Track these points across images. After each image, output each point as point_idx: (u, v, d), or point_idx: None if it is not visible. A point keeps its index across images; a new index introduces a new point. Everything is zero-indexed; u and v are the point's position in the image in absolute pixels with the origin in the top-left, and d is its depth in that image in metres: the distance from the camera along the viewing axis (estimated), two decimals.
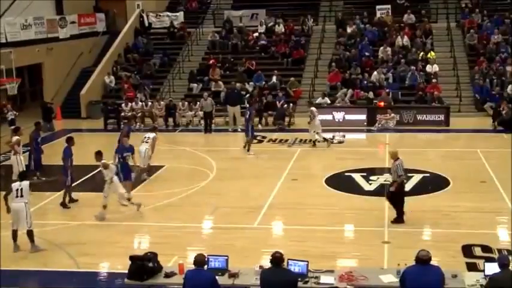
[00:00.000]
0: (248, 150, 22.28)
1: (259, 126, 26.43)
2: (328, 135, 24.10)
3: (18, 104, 29.99)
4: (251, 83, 29.34)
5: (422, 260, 8.76)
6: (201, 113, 26.58)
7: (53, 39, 30.40)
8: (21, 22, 28.00)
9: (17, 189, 13.96)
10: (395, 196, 14.84)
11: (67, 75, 31.36)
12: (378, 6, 33.43)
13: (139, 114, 27.37)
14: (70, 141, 17.55)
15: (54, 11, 33.67)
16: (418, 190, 17.55)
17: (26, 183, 14.10)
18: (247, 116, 22.43)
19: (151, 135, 19.56)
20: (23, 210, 13.83)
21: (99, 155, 15.95)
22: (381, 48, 30.55)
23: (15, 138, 18.47)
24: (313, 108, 23.32)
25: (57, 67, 30.57)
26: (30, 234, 13.92)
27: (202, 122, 26.42)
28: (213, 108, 26.37)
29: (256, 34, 33.13)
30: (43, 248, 14.09)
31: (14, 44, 26.28)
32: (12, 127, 23.32)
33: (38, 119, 26.31)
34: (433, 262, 9.08)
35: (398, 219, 14.80)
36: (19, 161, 18.24)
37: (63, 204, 17.05)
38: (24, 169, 17.64)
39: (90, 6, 36.08)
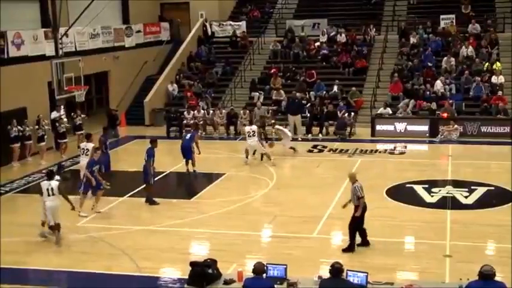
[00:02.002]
0: (261, 159, 22.57)
1: (320, 136, 26.44)
2: (390, 146, 23.95)
3: (85, 110, 30.81)
4: (312, 93, 29.37)
5: (486, 275, 8.61)
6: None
7: (119, 47, 31.13)
8: (89, 31, 28.80)
9: (47, 189, 14.70)
10: (357, 222, 13.96)
11: (132, 83, 32.04)
12: (442, 16, 33.00)
13: (201, 122, 27.74)
14: (154, 142, 18.28)
15: (121, 20, 34.52)
16: (481, 204, 17.25)
17: (55, 183, 14.85)
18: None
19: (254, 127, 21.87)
20: (58, 207, 14.71)
21: None
22: (445, 58, 30.11)
23: (90, 145, 18.93)
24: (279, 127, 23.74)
25: (123, 75, 31.27)
26: (57, 227, 14.81)
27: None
28: (267, 118, 26.45)
29: (317, 43, 33.15)
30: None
31: (82, 52, 27.00)
32: (80, 132, 24.08)
33: (103, 125, 27.07)
34: (497, 278, 8.92)
35: (350, 248, 13.91)
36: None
37: (151, 201, 17.69)
38: None
39: (155, 15, 36.78)
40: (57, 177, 15.88)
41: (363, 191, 13.94)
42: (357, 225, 13.96)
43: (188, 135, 21.39)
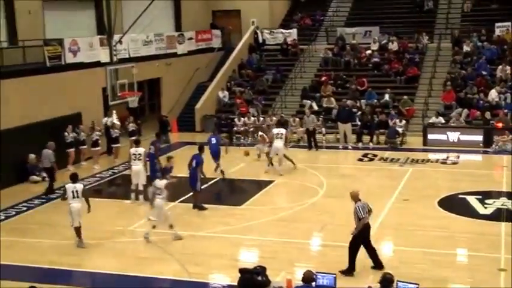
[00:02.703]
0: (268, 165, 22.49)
1: (370, 145, 26.26)
2: (442, 156, 23.64)
3: (138, 116, 31.27)
4: (363, 101, 29.22)
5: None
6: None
7: (171, 54, 31.51)
8: (143, 38, 29.27)
9: (72, 191, 15.24)
10: (356, 242, 13.34)
11: (183, 89, 32.40)
12: (497, 24, 32.42)
13: (252, 129, 27.86)
14: (201, 149, 18.82)
15: (173, 27, 35.00)
16: None
17: (80, 186, 15.41)
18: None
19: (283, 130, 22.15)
20: (81, 209, 15.20)
21: None
22: (500, 67, 29.55)
23: (141, 149, 19.29)
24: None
25: (175, 81, 31.65)
26: (79, 231, 15.32)
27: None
28: (316, 125, 26.40)
29: (369, 51, 32.97)
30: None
31: (136, 59, 27.43)
32: (133, 138, 24.41)
33: (155, 131, 27.46)
34: None
35: (349, 271, 13.16)
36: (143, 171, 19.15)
37: (199, 207, 18.00)
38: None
39: (207, 23, 37.13)
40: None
41: (363, 211, 13.33)
42: (355, 246, 13.28)
43: (214, 139, 21.71)
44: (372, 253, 13.42)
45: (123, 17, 28.83)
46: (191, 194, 18.75)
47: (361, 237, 13.32)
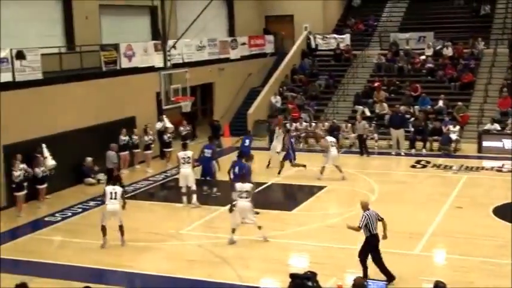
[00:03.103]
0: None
1: (424, 151, 25.94)
2: (497, 163, 23.19)
3: (191, 121, 31.62)
4: (416, 107, 28.89)
5: None
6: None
7: (224, 59, 31.75)
8: (196, 44, 29.57)
9: (111, 192, 15.64)
10: (366, 252, 13.16)
11: (236, 94, 32.61)
12: None
13: (303, 135, 27.85)
14: (249, 158, 19.07)
15: (226, 33, 35.30)
16: None
17: (119, 188, 15.85)
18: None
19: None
20: (118, 211, 15.66)
21: None
22: None
23: (189, 153, 19.54)
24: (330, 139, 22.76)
25: (227, 86, 31.89)
26: (121, 228, 15.72)
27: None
28: (368, 131, 26.22)
29: (423, 57, 32.59)
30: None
31: (189, 64, 27.78)
32: (185, 142, 24.70)
33: (207, 135, 27.71)
34: None
35: (389, 278, 12.90)
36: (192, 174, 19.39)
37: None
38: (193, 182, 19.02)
39: (260, 28, 37.34)
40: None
41: (364, 221, 13.12)
42: (376, 258, 13.11)
43: (247, 141, 21.92)
44: (382, 268, 13.12)
45: (177, 22, 29.25)
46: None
47: (371, 248, 13.17)
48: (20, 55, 20.31)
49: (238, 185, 15.93)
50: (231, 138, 30.13)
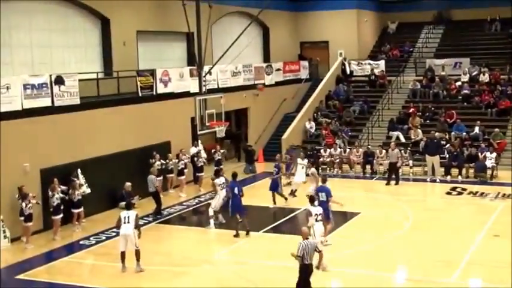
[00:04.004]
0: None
1: (459, 178, 25.64)
2: None
3: (225, 146, 31.81)
4: (452, 133, 28.64)
5: None
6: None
7: (259, 85, 31.90)
8: (231, 69, 29.83)
9: (125, 217, 15.84)
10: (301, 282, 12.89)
11: (270, 119, 32.71)
12: None
13: (337, 161, 27.77)
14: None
15: (261, 58, 35.56)
16: None
17: (132, 213, 16.02)
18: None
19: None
20: (130, 234, 15.73)
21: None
22: None
23: (222, 179, 19.91)
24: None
25: (262, 112, 32.01)
26: (137, 253, 15.79)
27: (401, 171, 26.22)
28: (403, 158, 25.99)
29: (459, 83, 32.37)
30: (144, 269, 15.75)
31: (224, 89, 28.02)
32: (218, 167, 24.79)
33: (241, 161, 27.82)
34: None
35: None
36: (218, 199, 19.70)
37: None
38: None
39: (295, 54, 37.53)
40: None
41: (301, 250, 12.80)
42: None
43: (236, 190, 18.99)
44: None
45: (213, 48, 29.54)
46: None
47: (302, 277, 12.89)
48: (59, 80, 20.71)
49: (314, 209, 15.99)
50: (265, 164, 30.16)
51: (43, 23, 23.27)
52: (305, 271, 12.87)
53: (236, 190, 18.73)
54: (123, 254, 15.88)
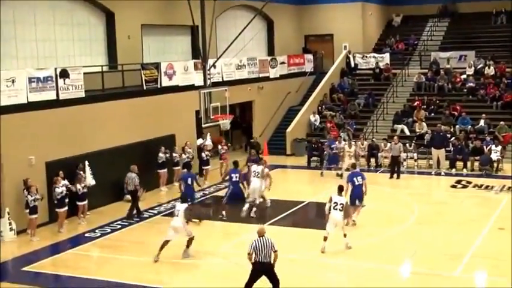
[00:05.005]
0: None
1: (464, 171, 25.62)
2: None
3: (230, 139, 31.86)
4: (457, 126, 28.59)
5: None
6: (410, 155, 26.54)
7: (263, 78, 31.91)
8: (236, 63, 29.82)
9: (177, 210, 16.13)
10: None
11: (275, 113, 32.71)
12: None
13: (342, 154, 27.70)
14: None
15: (266, 52, 35.54)
16: None
17: (182, 206, 16.21)
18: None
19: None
20: (179, 226, 15.94)
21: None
22: None
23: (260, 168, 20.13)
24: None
25: (266, 105, 32.01)
26: (189, 241, 16.08)
27: (405, 164, 26.25)
28: (401, 154, 25.93)
29: (464, 76, 32.30)
30: (192, 255, 16.03)
31: (229, 82, 28.02)
32: (222, 160, 24.82)
33: (245, 154, 27.84)
34: None
35: None
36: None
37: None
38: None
39: (299, 47, 37.48)
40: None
41: (252, 248, 12.84)
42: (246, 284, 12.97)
43: (189, 180, 20.07)
44: None
45: (218, 41, 29.53)
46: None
47: (253, 274, 12.90)
48: (64, 74, 20.75)
49: (335, 197, 16.38)
50: (270, 157, 30.16)
51: (48, 17, 23.28)
52: (253, 267, 12.89)
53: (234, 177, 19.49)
54: (165, 243, 15.99)
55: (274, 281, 12.94)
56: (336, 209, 16.30)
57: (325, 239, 16.26)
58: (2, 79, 18.65)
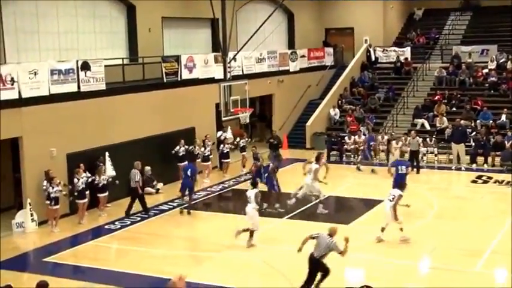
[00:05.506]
0: None
1: (485, 166, 25.44)
2: None
3: (249, 132, 31.87)
4: (478, 121, 28.38)
5: None
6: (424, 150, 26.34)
7: (283, 72, 31.86)
8: (256, 56, 29.81)
9: (248, 196, 16.54)
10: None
11: (295, 106, 32.67)
12: None
13: (362, 148, 27.65)
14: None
15: (286, 45, 35.47)
16: None
17: (252, 192, 16.66)
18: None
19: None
20: (249, 212, 16.49)
21: None
22: None
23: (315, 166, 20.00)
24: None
25: (286, 98, 31.98)
26: (251, 232, 16.41)
27: (425, 158, 26.12)
28: (420, 148, 25.80)
29: (485, 70, 32.01)
30: (255, 244, 16.34)
31: (248, 76, 28.01)
32: (243, 153, 24.80)
33: (265, 147, 27.87)
34: None
35: None
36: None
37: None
38: None
39: (319, 41, 37.34)
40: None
41: (314, 236, 13.33)
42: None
43: (188, 171, 20.64)
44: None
45: (238, 34, 29.53)
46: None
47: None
48: (85, 66, 20.89)
49: (393, 191, 16.80)
50: (289, 150, 30.20)
51: (70, 10, 23.42)
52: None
53: None
54: (244, 230, 16.51)
55: (311, 276, 13.13)
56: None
57: (382, 229, 16.63)
58: (25, 71, 18.86)
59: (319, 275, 13.16)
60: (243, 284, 14.15)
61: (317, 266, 13.12)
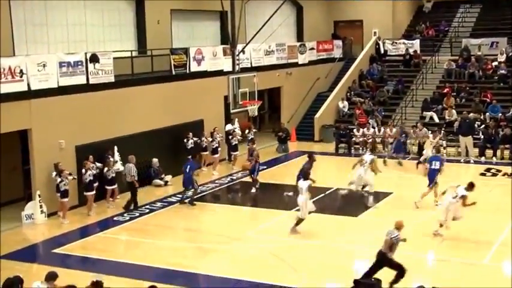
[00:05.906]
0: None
1: (494, 159, 25.35)
2: None
3: (257, 125, 31.87)
4: (487, 114, 28.26)
5: None
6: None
7: (292, 64, 31.81)
8: (265, 48, 29.75)
9: (300, 188, 16.91)
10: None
11: (303, 99, 32.63)
12: None
13: (370, 140, 27.63)
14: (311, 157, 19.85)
15: (295, 38, 35.39)
16: None
17: (305, 183, 16.98)
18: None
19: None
20: (299, 203, 16.78)
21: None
22: None
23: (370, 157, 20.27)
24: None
25: (295, 91, 31.94)
26: (298, 221, 16.75)
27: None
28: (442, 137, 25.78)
29: (495, 63, 31.84)
30: (298, 233, 16.59)
31: (257, 68, 28.00)
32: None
33: (274, 140, 27.87)
34: None
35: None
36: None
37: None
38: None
39: (328, 33, 37.25)
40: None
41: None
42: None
43: (188, 167, 20.62)
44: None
45: (247, 27, 29.50)
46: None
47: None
48: (94, 58, 20.92)
49: (459, 189, 16.59)
50: (297, 143, 30.19)
51: (79, 2, 23.43)
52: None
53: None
54: (296, 224, 16.74)
55: (372, 269, 13.20)
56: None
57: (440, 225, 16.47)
58: (34, 63, 18.90)
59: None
60: (251, 276, 14.17)
61: (382, 262, 13.17)
